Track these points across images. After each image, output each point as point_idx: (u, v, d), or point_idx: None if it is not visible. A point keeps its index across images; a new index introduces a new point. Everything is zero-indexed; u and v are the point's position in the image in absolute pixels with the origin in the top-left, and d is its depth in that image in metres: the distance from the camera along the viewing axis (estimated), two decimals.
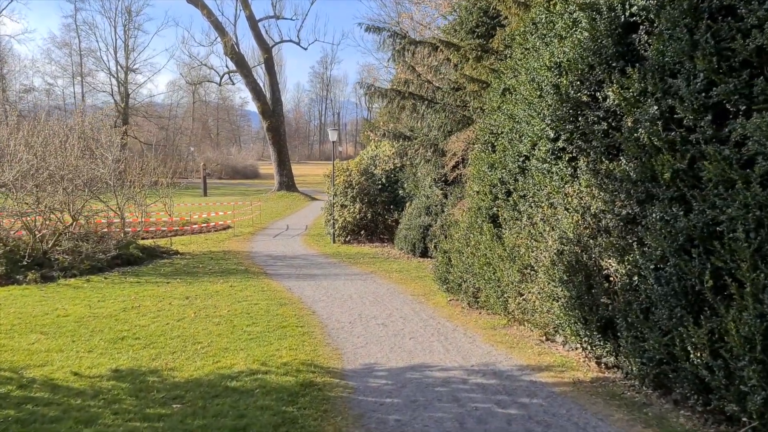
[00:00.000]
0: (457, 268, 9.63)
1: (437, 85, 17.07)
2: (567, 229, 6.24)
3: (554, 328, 7.07)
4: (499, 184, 8.36)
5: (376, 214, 20.52)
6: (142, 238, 21.03)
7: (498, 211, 8.42)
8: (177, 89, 70.54)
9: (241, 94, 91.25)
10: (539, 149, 6.90)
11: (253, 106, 44.83)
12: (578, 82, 6.05)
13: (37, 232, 13.72)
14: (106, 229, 16.05)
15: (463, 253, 9.42)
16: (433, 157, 17.01)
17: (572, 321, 6.32)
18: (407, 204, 18.69)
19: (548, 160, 6.69)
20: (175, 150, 63.58)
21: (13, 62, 59.28)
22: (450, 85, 16.47)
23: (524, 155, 7.63)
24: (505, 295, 8.12)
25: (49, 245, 13.88)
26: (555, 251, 6.44)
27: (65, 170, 13.51)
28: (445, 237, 16.47)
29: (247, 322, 8.79)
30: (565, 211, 6.40)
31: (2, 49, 55.73)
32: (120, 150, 16.98)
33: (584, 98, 6.04)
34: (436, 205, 16.91)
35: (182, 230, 24.13)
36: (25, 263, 12.90)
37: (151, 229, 23.12)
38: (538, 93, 6.68)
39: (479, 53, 9.68)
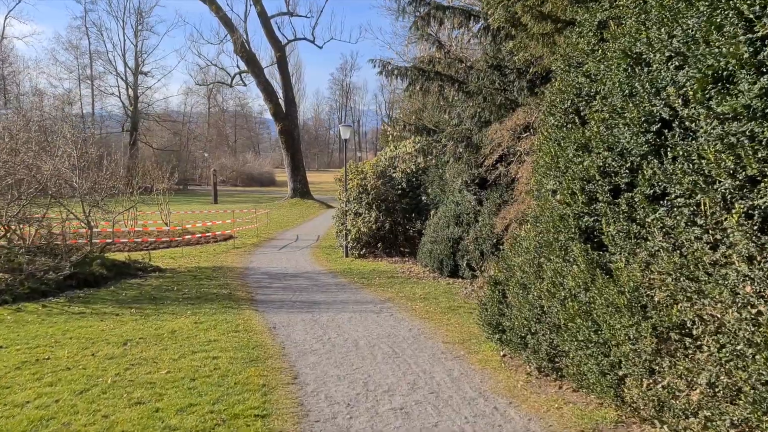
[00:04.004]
0: (520, 311, 6.10)
1: (470, 64, 13.78)
2: None
3: None
4: (598, 177, 4.89)
5: (395, 223, 17.24)
6: (129, 251, 18.05)
7: (598, 222, 4.95)
8: (191, 93, 68.20)
9: (260, 101, 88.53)
10: (719, 99, 3.43)
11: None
12: None
13: None
14: (59, 242, 12.86)
15: (529, 289, 5.91)
16: (465, 153, 13.61)
17: None
18: (432, 212, 15.45)
19: (747, 115, 3.21)
20: (188, 156, 61.30)
21: (18, 63, 57.27)
22: (488, 62, 13.13)
23: (661, 120, 4.17)
24: (618, 372, 4.61)
25: None
26: None
27: None
28: (482, 255, 13.07)
29: (181, 402, 5.40)
30: None
31: (5, 50, 53.71)
32: (83, 145, 13.83)
33: None
34: (468, 213, 13.60)
35: (174, 241, 21.01)
36: None
37: (136, 240, 20.11)
38: None
39: None
